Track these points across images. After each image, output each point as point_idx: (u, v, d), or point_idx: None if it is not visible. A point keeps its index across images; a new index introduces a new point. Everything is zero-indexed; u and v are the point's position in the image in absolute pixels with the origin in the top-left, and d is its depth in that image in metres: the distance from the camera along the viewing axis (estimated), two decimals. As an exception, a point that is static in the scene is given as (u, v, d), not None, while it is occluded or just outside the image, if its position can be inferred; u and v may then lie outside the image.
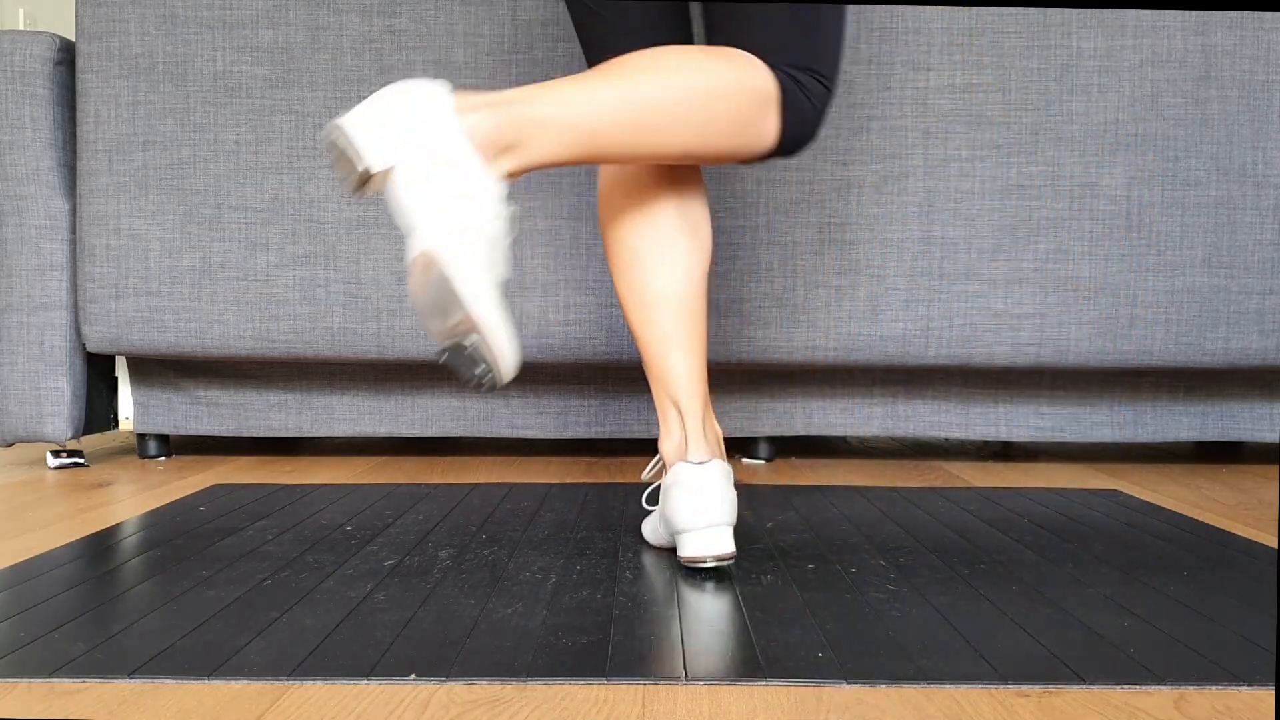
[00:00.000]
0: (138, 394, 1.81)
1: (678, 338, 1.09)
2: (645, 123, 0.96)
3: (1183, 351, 1.70)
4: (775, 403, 1.80)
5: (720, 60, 0.99)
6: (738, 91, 0.99)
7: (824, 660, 0.79)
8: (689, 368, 1.08)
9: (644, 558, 1.11)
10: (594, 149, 0.96)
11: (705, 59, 0.98)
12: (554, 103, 0.93)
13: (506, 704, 0.71)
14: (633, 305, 1.11)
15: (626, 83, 0.96)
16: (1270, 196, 1.68)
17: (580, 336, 1.69)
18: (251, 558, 1.10)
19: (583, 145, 0.95)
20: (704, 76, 0.97)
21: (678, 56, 0.98)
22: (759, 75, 1.00)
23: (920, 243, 1.68)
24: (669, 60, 0.97)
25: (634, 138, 0.96)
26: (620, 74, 0.96)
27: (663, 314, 1.09)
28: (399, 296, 1.68)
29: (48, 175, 1.69)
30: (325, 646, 0.82)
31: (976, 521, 1.30)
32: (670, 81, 0.96)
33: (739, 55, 1.00)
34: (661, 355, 1.09)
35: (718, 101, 0.98)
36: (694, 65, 0.97)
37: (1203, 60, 1.67)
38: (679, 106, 0.97)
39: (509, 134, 0.91)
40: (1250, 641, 0.85)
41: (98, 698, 0.72)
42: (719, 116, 0.98)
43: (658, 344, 1.09)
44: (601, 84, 0.95)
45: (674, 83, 0.97)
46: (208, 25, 1.66)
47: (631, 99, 0.95)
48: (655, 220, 1.09)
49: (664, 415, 1.10)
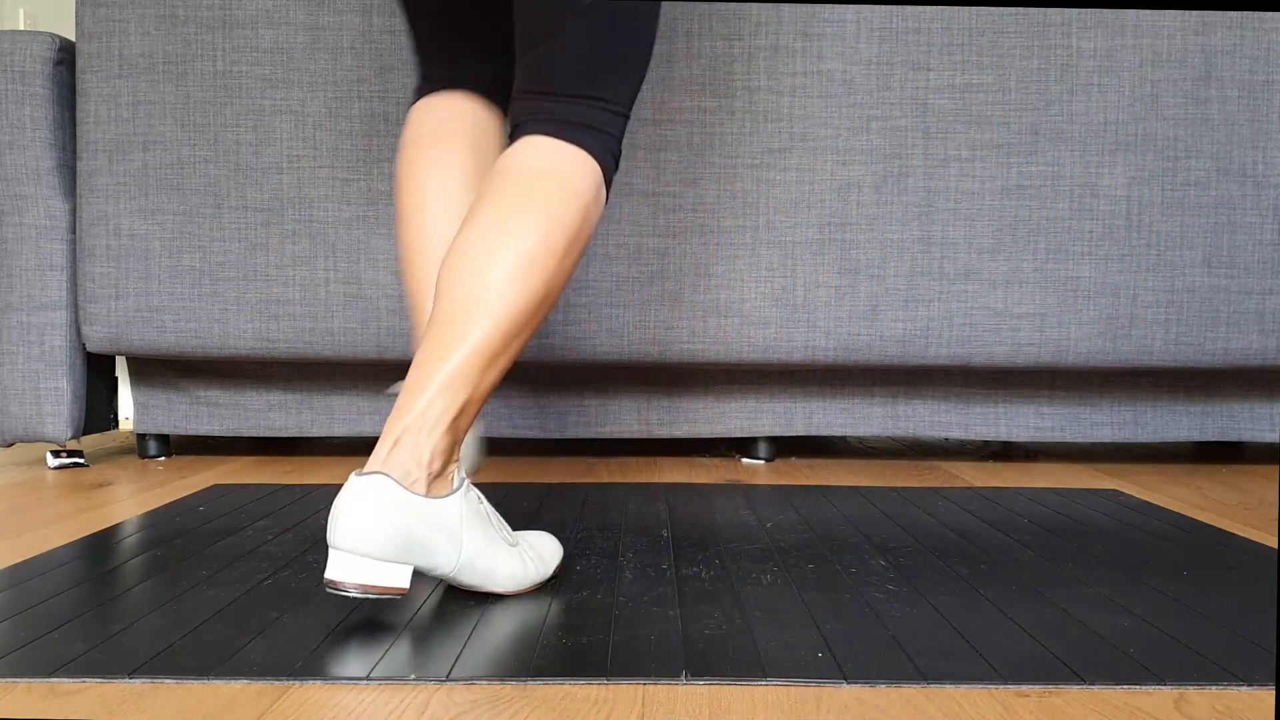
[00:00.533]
0: (138, 394, 1.81)
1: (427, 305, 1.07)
2: (529, 331, 0.95)
3: (1183, 351, 1.70)
4: (775, 403, 1.80)
5: (565, 203, 0.95)
6: (584, 221, 0.97)
7: (824, 660, 0.79)
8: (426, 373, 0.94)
9: (644, 558, 1.11)
10: (491, 388, 0.94)
11: (555, 215, 0.94)
12: (455, 401, 0.90)
13: (506, 704, 0.71)
14: (406, 260, 1.11)
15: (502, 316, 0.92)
16: (1270, 196, 1.68)
17: (580, 336, 1.69)
18: (251, 558, 1.10)
19: (483, 399, 0.94)
20: (562, 240, 0.95)
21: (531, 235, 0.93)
22: (592, 187, 0.98)
23: (920, 243, 1.68)
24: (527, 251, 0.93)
25: (521, 345, 0.96)
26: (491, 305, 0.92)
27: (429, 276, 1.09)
28: (399, 296, 1.68)
29: (48, 175, 1.69)
30: (325, 646, 0.82)
31: (976, 521, 1.30)
32: (540, 278, 0.93)
33: (570, 178, 0.96)
34: (416, 333, 1.10)
35: (574, 248, 0.97)
36: (550, 238, 0.94)
37: (1203, 60, 1.67)
38: (552, 287, 0.95)
39: (443, 457, 0.90)
40: (1250, 641, 0.85)
41: (98, 698, 0.72)
42: (580, 250, 0.98)
43: (416, 318, 1.09)
44: (481, 333, 0.91)
45: (542, 276, 0.93)
46: (208, 25, 1.66)
47: (511, 331, 0.93)
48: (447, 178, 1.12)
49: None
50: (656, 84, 1.66)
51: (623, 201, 1.67)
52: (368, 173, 1.67)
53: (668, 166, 1.67)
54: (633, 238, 1.68)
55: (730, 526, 1.26)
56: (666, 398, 1.80)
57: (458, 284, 0.92)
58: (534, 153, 0.97)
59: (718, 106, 1.67)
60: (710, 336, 1.69)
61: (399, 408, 0.90)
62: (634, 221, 1.68)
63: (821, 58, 1.66)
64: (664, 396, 1.80)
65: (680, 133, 1.67)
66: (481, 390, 0.92)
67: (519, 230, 0.93)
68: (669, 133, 1.67)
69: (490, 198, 0.96)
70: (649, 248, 1.68)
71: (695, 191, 1.67)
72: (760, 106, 1.67)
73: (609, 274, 1.68)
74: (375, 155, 1.66)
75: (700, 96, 1.67)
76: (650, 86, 1.66)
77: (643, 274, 1.68)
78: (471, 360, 0.91)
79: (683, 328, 1.69)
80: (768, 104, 1.67)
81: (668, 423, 1.80)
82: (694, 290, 1.68)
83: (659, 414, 1.80)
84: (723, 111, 1.67)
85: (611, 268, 1.68)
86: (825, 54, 1.66)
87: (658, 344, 1.69)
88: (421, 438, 0.89)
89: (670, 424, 1.80)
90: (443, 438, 0.90)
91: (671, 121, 1.67)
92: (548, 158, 0.97)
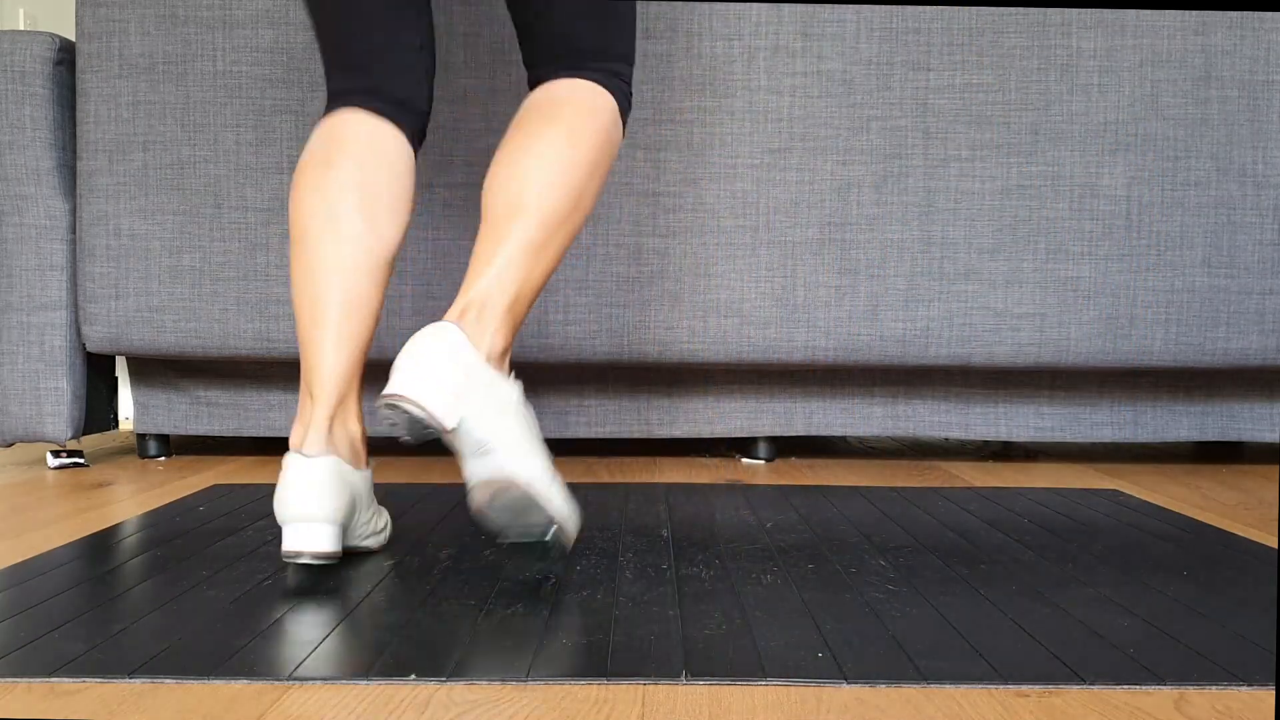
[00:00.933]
0: (138, 394, 1.81)
1: (329, 325, 1.06)
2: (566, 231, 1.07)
3: (1183, 351, 1.70)
4: (775, 403, 1.80)
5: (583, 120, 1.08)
6: (605, 141, 1.09)
7: (824, 660, 0.79)
8: (333, 360, 1.05)
9: (644, 558, 1.11)
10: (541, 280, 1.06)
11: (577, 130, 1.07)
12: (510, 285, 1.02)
13: (506, 704, 0.71)
14: (297, 275, 1.09)
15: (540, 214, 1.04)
16: (1270, 196, 1.68)
17: (580, 336, 1.69)
18: (251, 558, 1.10)
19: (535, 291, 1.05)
20: (585, 152, 1.07)
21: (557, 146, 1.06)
22: (610, 110, 1.11)
23: (920, 243, 1.68)
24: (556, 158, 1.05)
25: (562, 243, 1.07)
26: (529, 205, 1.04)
27: (328, 293, 1.07)
28: (398, 296, 1.68)
29: (48, 175, 1.69)
30: (325, 646, 0.82)
31: (976, 521, 1.30)
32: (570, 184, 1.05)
33: (586, 102, 1.09)
34: (310, 337, 1.07)
35: (600, 165, 1.09)
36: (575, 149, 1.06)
37: (1203, 60, 1.67)
38: (583, 195, 1.07)
39: (503, 340, 1.01)
40: (1250, 641, 0.85)
41: (98, 698, 0.72)
42: (604, 168, 1.10)
43: (308, 328, 1.07)
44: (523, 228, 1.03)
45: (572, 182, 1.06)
46: (208, 25, 1.66)
47: (550, 226, 1.04)
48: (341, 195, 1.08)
49: (302, 401, 1.07)
50: (656, 84, 1.66)
51: (623, 201, 1.68)
52: (368, 173, 1.66)
53: (668, 166, 1.67)
54: (633, 238, 1.68)
55: (730, 526, 1.26)
56: (666, 398, 1.80)
57: (500, 191, 1.04)
58: (554, 89, 1.10)
59: (718, 106, 1.67)
60: (710, 336, 1.69)
61: (463, 292, 1.01)
62: (634, 221, 1.68)
63: (821, 58, 1.66)
64: (664, 396, 1.80)
65: (680, 133, 1.67)
66: (533, 281, 1.03)
67: (548, 142, 1.05)
68: (669, 133, 1.67)
69: (521, 124, 1.08)
70: (649, 248, 1.68)
71: (695, 191, 1.67)
72: (760, 106, 1.67)
73: (609, 274, 1.68)
74: (375, 155, 1.66)
75: (700, 96, 1.67)
76: (650, 86, 1.66)
77: (643, 274, 1.68)
78: (520, 250, 1.02)
79: (683, 328, 1.69)
80: (768, 104, 1.67)
81: (668, 423, 1.80)
82: (694, 290, 1.68)
83: (659, 414, 1.80)
84: (723, 111, 1.67)
85: (611, 268, 1.68)
86: (825, 54, 1.66)
87: (658, 344, 1.69)
88: (485, 313, 0.99)
89: (670, 424, 1.80)
90: (503, 317, 1.00)
91: (671, 121, 1.67)
92: (567, 90, 1.10)
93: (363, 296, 1.08)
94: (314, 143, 1.13)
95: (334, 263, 1.07)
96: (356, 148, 1.11)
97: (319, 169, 1.10)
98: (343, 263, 1.07)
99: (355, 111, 1.13)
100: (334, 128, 1.12)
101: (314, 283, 1.07)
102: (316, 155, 1.11)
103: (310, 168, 1.11)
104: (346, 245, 1.07)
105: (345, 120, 1.12)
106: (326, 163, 1.10)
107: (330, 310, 1.06)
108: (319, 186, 1.09)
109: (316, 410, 1.04)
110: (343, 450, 1.05)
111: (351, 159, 1.10)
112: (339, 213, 1.08)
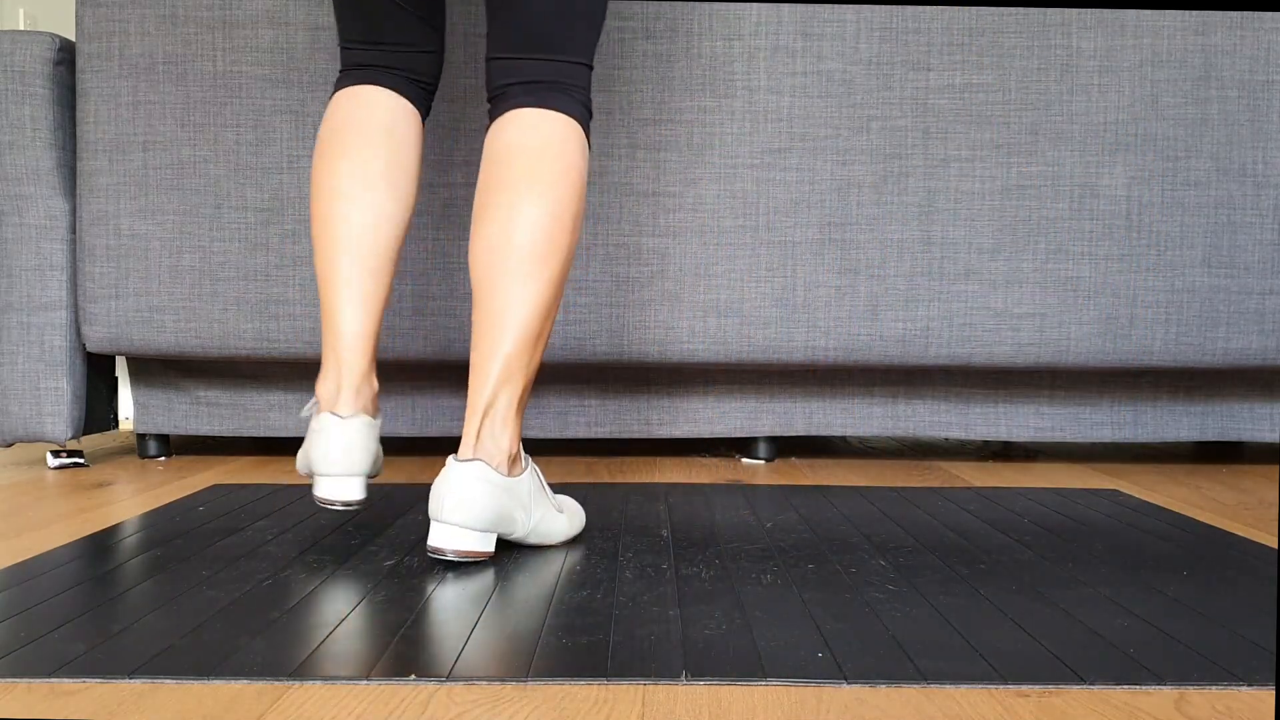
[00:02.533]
0: (138, 394, 1.81)
1: (354, 287, 1.14)
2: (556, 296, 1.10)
3: (1183, 351, 1.70)
4: (775, 403, 1.80)
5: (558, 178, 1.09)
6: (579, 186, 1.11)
7: (824, 660, 0.79)
8: (359, 325, 1.14)
9: (644, 558, 1.11)
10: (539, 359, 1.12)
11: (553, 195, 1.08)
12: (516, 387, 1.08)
13: (506, 704, 0.71)
14: (324, 242, 1.15)
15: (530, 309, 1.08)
16: (1270, 196, 1.68)
17: (580, 336, 1.69)
18: (251, 558, 1.10)
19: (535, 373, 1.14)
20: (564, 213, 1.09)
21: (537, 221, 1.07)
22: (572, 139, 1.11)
23: (920, 243, 1.68)
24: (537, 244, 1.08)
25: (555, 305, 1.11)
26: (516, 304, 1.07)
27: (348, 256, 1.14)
28: (399, 296, 1.68)
29: (48, 175, 1.69)
30: (325, 646, 0.82)
31: (976, 521, 1.30)
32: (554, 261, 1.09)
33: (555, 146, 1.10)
34: (338, 297, 1.14)
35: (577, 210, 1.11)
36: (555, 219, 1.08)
37: (1203, 60, 1.67)
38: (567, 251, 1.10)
39: (516, 434, 1.09)
40: (1250, 641, 0.85)
41: (98, 698, 0.72)
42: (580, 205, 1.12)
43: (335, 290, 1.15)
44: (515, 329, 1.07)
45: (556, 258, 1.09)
46: (208, 25, 1.66)
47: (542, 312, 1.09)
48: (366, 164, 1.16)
49: (325, 358, 1.15)
50: (656, 84, 1.66)
51: (623, 201, 1.67)
52: (368, 173, 1.66)
53: (668, 166, 1.67)
54: (632, 238, 1.68)
55: (730, 526, 1.26)
56: (666, 398, 1.80)
57: (492, 285, 1.07)
58: (523, 131, 1.10)
59: (718, 106, 1.67)
60: (710, 336, 1.69)
61: (472, 405, 1.07)
62: (634, 221, 1.68)
63: (821, 58, 1.66)
64: (664, 396, 1.80)
65: (680, 133, 1.67)
66: (533, 370, 1.09)
67: (531, 219, 1.07)
68: (669, 133, 1.67)
69: (497, 189, 1.09)
70: (649, 248, 1.68)
71: (695, 191, 1.67)
72: (760, 106, 1.67)
73: (609, 274, 1.68)
74: (375, 155, 1.66)
75: (700, 96, 1.67)
76: (650, 86, 1.66)
77: (643, 274, 1.68)
78: (520, 349, 1.07)
79: (683, 328, 1.69)
80: (768, 104, 1.67)
81: (668, 423, 1.80)
82: (694, 290, 1.68)
83: (659, 414, 1.80)
84: (723, 111, 1.67)
85: (611, 268, 1.68)
86: (825, 54, 1.66)
87: (658, 344, 1.69)
88: (498, 429, 1.07)
89: (670, 424, 1.80)
90: (514, 422, 1.08)
91: (671, 121, 1.67)
92: (538, 134, 1.10)
93: (384, 265, 1.17)
94: (338, 114, 1.19)
95: (359, 229, 1.15)
96: (382, 121, 1.18)
97: (347, 140, 1.17)
98: (367, 230, 1.15)
99: (377, 89, 1.20)
100: (360, 102, 1.19)
101: (339, 248, 1.15)
102: (345, 129, 1.17)
103: (337, 139, 1.17)
104: (371, 212, 1.15)
105: (368, 95, 1.19)
106: (355, 135, 1.17)
107: (355, 273, 1.15)
108: (348, 155, 1.16)
109: (345, 373, 1.13)
110: (369, 407, 1.15)
111: (380, 133, 1.17)
112: (370, 181, 1.15)
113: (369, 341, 1.15)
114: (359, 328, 1.14)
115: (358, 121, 1.17)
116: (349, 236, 1.14)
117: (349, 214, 1.14)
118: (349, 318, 1.14)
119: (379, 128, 1.17)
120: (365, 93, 1.19)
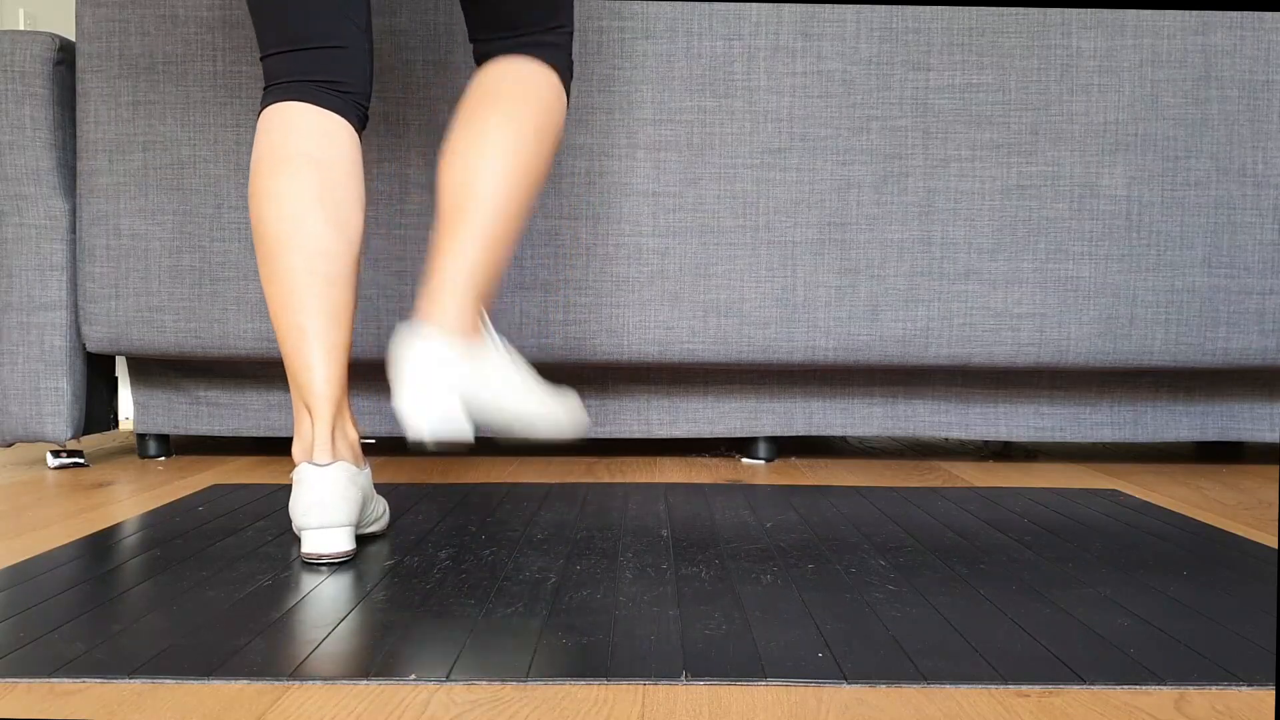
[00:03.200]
0: (138, 394, 1.81)
1: (315, 331, 1.08)
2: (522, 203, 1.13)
3: (1183, 351, 1.70)
4: (775, 403, 1.80)
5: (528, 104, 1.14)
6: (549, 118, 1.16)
7: (824, 660, 0.79)
8: (325, 370, 1.09)
9: (644, 558, 1.11)
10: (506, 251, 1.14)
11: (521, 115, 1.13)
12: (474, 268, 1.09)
13: (506, 704, 0.71)
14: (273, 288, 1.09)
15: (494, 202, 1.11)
16: (1270, 196, 1.68)
17: (580, 336, 1.69)
18: (251, 558, 1.10)
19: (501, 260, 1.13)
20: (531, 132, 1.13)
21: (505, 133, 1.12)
22: (552, 85, 1.18)
23: (920, 243, 1.68)
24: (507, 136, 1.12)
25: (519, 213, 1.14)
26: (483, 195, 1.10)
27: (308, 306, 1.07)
28: (399, 296, 1.68)
29: (48, 175, 1.69)
30: (325, 646, 0.82)
31: (976, 521, 1.30)
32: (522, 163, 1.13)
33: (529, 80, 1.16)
34: (299, 352, 1.08)
35: (545, 138, 1.15)
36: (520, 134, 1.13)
37: (1203, 60, 1.67)
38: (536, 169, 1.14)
39: (475, 311, 1.10)
40: (1250, 641, 0.85)
41: (98, 698, 0.72)
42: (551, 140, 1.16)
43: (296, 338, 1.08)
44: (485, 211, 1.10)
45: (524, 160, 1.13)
46: (208, 25, 1.66)
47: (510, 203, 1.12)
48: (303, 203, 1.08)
49: (297, 414, 1.11)
50: (656, 84, 1.66)
51: (623, 201, 1.68)
52: (366, 173, 1.67)
53: (668, 166, 1.67)
54: (633, 238, 1.68)
55: (730, 526, 1.26)
56: (666, 398, 1.80)
57: (455, 185, 1.10)
58: (498, 72, 1.16)
59: (718, 106, 1.67)
60: (710, 336, 1.69)
61: (434, 282, 1.08)
62: (634, 221, 1.68)
63: (821, 58, 1.66)
64: (664, 396, 1.80)
65: (680, 133, 1.67)
66: (494, 258, 1.11)
67: (500, 132, 1.11)
68: (669, 133, 1.67)
69: (473, 109, 1.14)
70: (649, 248, 1.68)
71: (695, 191, 1.67)
72: (760, 106, 1.67)
73: (609, 274, 1.68)
74: (374, 155, 1.67)
75: (700, 96, 1.67)
76: (650, 86, 1.66)
77: (643, 274, 1.68)
78: (481, 234, 1.09)
79: (683, 328, 1.69)
80: (768, 104, 1.67)
81: (668, 423, 1.80)
82: (694, 290, 1.68)
83: (659, 414, 1.80)
84: (723, 111, 1.67)
85: (611, 268, 1.68)
86: (825, 54, 1.66)
87: (658, 344, 1.69)
88: (457, 298, 1.07)
89: (670, 424, 1.80)
90: (474, 296, 1.08)
91: (671, 121, 1.67)
92: (514, 71, 1.16)
93: (341, 304, 1.09)
94: (264, 142, 1.10)
95: (306, 277, 1.07)
96: (311, 147, 1.09)
97: (276, 174, 1.08)
98: (315, 275, 1.07)
99: (304, 106, 1.10)
100: (284, 124, 1.09)
101: (292, 298, 1.08)
102: (270, 157, 1.09)
103: (267, 173, 1.08)
104: (318, 258, 1.07)
105: (294, 116, 1.10)
106: (285, 166, 1.08)
107: (313, 323, 1.08)
108: (278, 194, 1.07)
109: (318, 425, 1.08)
110: (346, 454, 1.10)
111: (309, 163, 1.08)
112: (304, 223, 1.07)
113: (336, 389, 1.09)
114: (325, 375, 1.08)
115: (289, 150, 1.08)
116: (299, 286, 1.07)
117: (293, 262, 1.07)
118: (316, 366, 1.08)
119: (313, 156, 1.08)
120: (293, 113, 1.10)
